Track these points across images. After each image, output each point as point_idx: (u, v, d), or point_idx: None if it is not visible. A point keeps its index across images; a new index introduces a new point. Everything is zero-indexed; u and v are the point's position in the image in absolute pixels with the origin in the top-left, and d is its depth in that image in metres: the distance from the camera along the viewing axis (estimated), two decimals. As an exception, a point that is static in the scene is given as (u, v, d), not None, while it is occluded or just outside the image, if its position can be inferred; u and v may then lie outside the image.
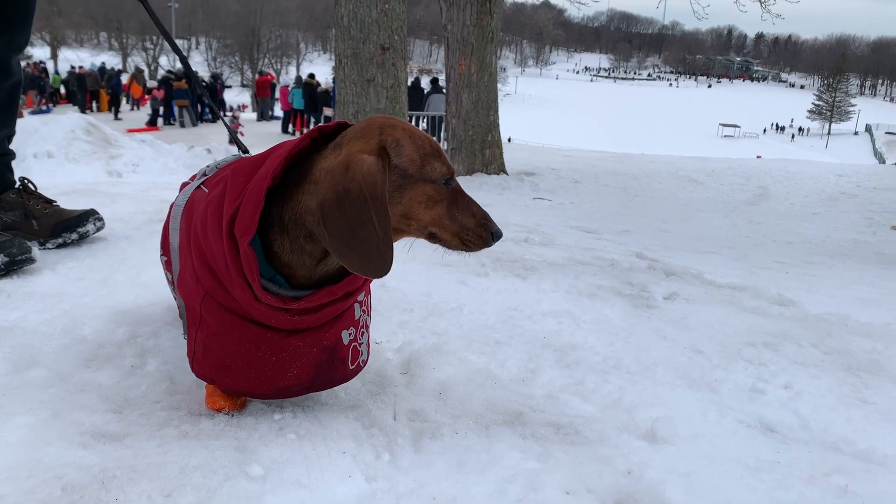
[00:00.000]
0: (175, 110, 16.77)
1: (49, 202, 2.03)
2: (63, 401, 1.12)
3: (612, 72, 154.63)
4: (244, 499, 0.90)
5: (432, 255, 1.06)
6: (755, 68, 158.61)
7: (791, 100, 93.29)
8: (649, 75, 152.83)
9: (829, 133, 65.93)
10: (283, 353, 1.04)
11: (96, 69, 22.56)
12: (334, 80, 6.46)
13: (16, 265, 1.72)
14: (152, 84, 19.00)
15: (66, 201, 2.14)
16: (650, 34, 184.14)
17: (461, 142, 7.26)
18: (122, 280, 1.76)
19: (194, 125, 16.72)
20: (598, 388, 1.31)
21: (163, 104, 16.92)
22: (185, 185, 1.31)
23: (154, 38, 56.64)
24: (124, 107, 21.18)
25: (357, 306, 1.12)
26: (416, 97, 12.16)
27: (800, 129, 67.99)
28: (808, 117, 70.57)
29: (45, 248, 1.96)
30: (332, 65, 7.03)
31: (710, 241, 3.98)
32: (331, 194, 0.90)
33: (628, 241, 3.24)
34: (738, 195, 6.85)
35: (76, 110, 18.53)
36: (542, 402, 1.25)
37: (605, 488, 0.98)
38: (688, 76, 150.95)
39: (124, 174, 6.23)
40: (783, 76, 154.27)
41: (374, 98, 5.16)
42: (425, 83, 14.00)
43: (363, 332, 1.15)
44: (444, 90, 8.53)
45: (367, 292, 1.19)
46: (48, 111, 18.87)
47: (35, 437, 1.01)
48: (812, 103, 71.80)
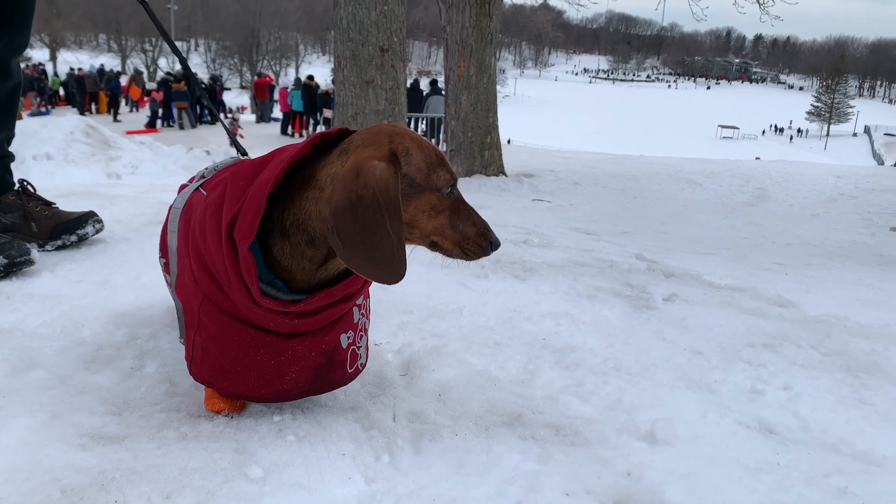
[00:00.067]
0: (174, 112, 16.77)
1: (48, 204, 2.03)
2: (62, 403, 1.12)
3: (611, 73, 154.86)
4: (244, 500, 0.90)
5: (432, 257, 1.06)
6: (754, 70, 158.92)
7: (790, 101, 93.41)
8: (648, 77, 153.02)
9: (827, 134, 66.00)
10: (282, 357, 1.04)
11: (95, 71, 22.54)
12: (333, 81, 6.46)
13: (15, 267, 1.72)
14: (151, 86, 18.97)
15: (65, 203, 2.14)
16: (649, 36, 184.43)
17: (460, 143, 7.27)
18: (121, 282, 1.76)
19: (193, 127, 16.70)
20: (597, 389, 1.31)
21: (162, 106, 16.92)
22: (183, 187, 1.31)
23: (153, 39, 56.62)
24: (123, 109, 21.15)
25: (356, 310, 1.12)
26: (416, 99, 12.17)
27: (798, 131, 68.07)
28: (806, 119, 70.65)
29: (44, 250, 1.96)
30: (332, 66, 7.03)
31: (709, 242, 3.98)
32: (343, 201, 0.89)
33: (627, 243, 3.24)
34: (737, 197, 6.86)
35: (75, 112, 18.50)
36: (542, 403, 1.25)
37: (605, 489, 0.98)
38: (686, 78, 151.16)
39: (123, 176, 6.22)
40: (782, 78, 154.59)
41: (374, 99, 5.15)
42: (424, 85, 14.02)
43: (362, 336, 1.15)
44: (443, 92, 8.54)
45: (366, 296, 1.19)
46: (47, 113, 18.85)
47: (34, 439, 1.01)
48: (811, 105, 71.88)
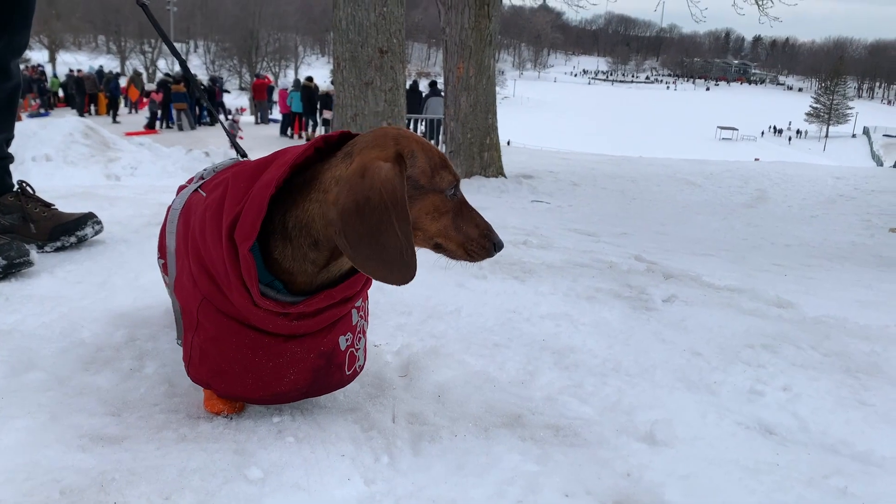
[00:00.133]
0: (173, 114, 16.77)
1: (47, 205, 2.03)
2: (61, 404, 1.12)
3: (610, 74, 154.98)
4: (243, 501, 0.90)
5: (432, 258, 1.06)
6: (753, 71, 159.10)
7: (789, 102, 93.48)
8: (647, 78, 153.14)
9: (826, 136, 66.08)
10: (281, 359, 1.04)
11: (94, 72, 22.54)
12: (333, 82, 6.47)
13: (14, 268, 1.72)
14: (150, 87, 18.96)
15: (64, 205, 2.14)
16: (648, 37, 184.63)
17: (459, 145, 7.27)
18: (120, 283, 1.76)
19: (192, 128, 16.70)
20: (596, 390, 1.31)
21: (161, 107, 16.92)
22: (182, 188, 1.31)
23: (152, 41, 56.65)
24: (122, 110, 21.16)
25: (354, 312, 1.12)
26: (415, 100, 12.18)
27: (797, 132, 68.14)
28: (805, 120, 70.73)
29: (43, 252, 1.96)
30: (331, 68, 7.03)
31: (709, 243, 3.99)
32: (350, 203, 0.89)
33: (626, 244, 3.24)
34: (736, 198, 6.86)
35: (74, 113, 18.50)
36: (541, 404, 1.25)
37: (605, 490, 0.98)
38: (685, 79, 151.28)
39: (122, 177, 6.21)
40: (781, 79, 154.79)
41: (373, 101, 5.15)
42: (424, 86, 14.02)
43: (360, 338, 1.15)
44: (442, 93, 8.55)
45: (365, 298, 1.19)
46: (46, 114, 18.84)
47: (33, 440, 1.01)
48: (810, 106, 71.96)
